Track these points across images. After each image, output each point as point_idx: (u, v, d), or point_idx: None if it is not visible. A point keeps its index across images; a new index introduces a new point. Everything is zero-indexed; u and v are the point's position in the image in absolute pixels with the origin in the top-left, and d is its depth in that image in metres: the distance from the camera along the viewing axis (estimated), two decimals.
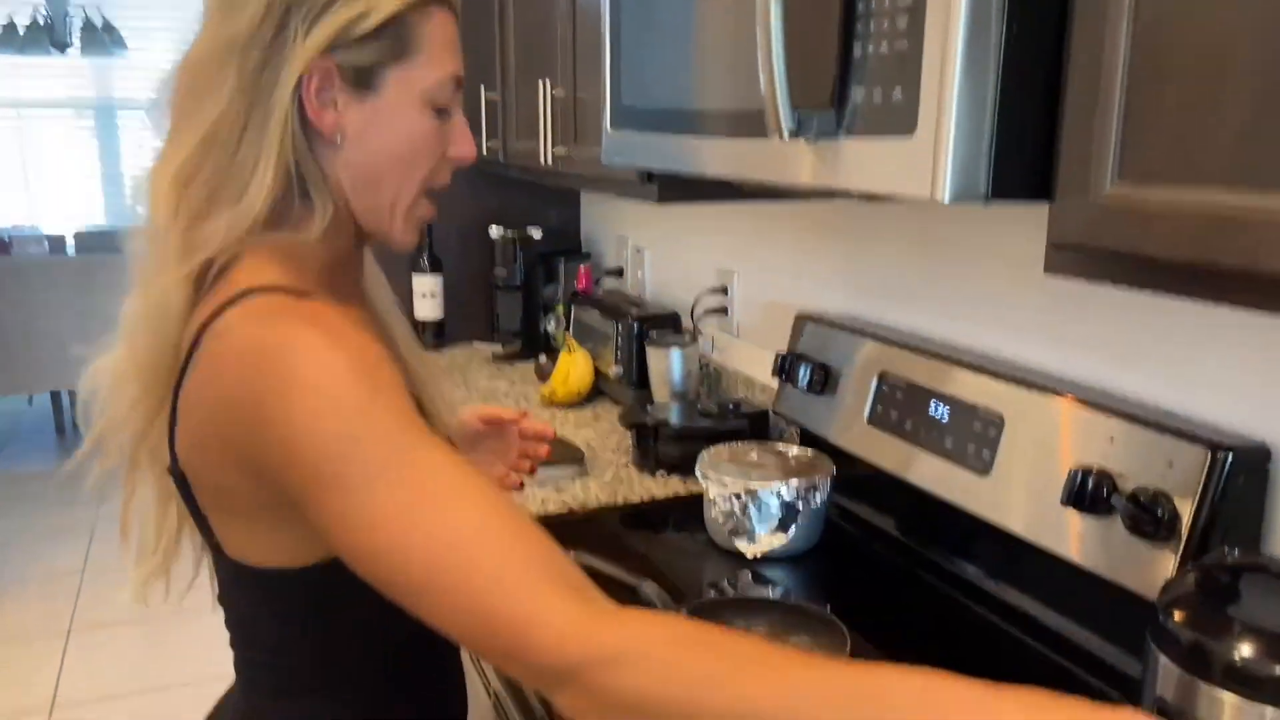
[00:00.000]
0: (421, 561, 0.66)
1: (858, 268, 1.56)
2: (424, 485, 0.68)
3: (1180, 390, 1.05)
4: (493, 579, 0.65)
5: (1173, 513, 0.94)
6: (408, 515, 0.67)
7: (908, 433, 1.29)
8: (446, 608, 0.66)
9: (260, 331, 0.71)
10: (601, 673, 0.62)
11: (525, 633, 0.63)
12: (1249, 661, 0.73)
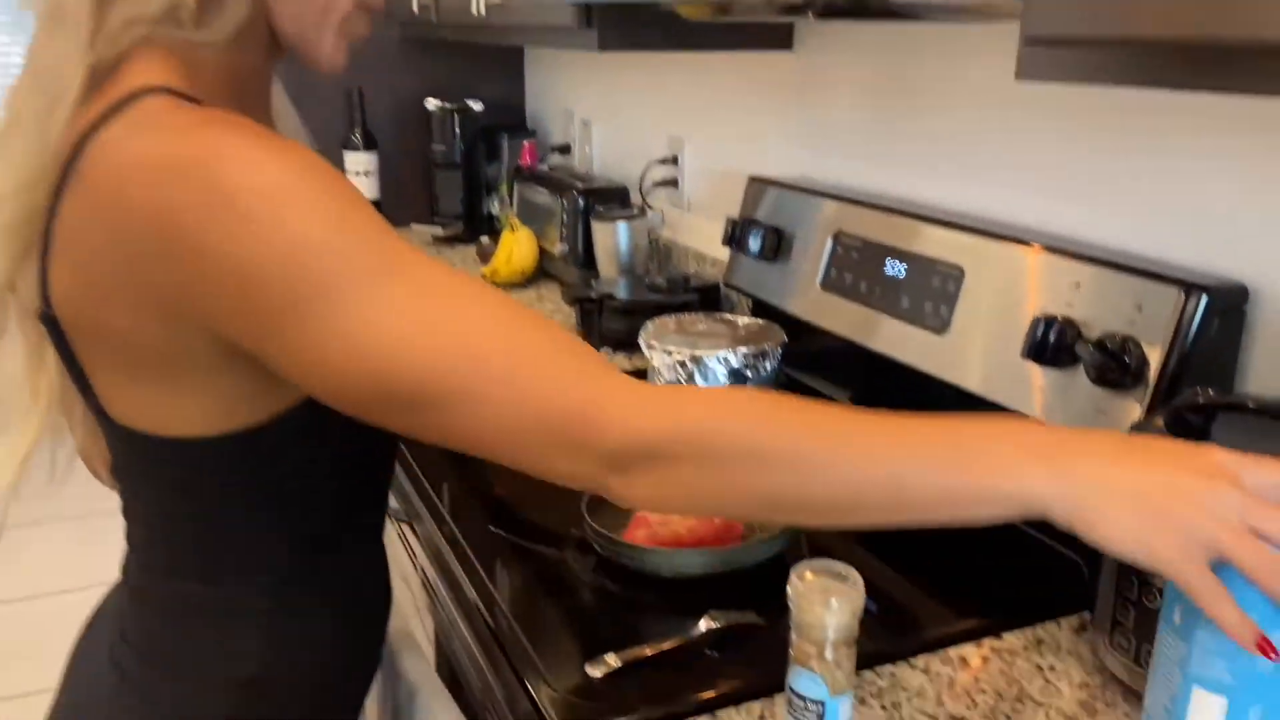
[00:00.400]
0: (449, 357, 0.57)
1: (812, 127, 1.46)
2: (431, 279, 0.58)
3: (1152, 232, 0.97)
4: (541, 366, 0.57)
5: (1141, 359, 0.88)
6: (423, 310, 0.57)
7: (863, 295, 1.22)
8: (482, 408, 0.57)
9: (172, 141, 0.59)
10: (684, 449, 0.56)
11: (591, 415, 0.56)
12: None
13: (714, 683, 0.77)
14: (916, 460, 0.55)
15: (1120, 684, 0.76)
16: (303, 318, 0.57)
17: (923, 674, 0.79)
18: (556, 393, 0.57)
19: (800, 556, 0.74)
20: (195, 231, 0.57)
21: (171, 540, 0.75)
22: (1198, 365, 0.86)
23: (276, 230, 0.56)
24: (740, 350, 1.24)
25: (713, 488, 0.58)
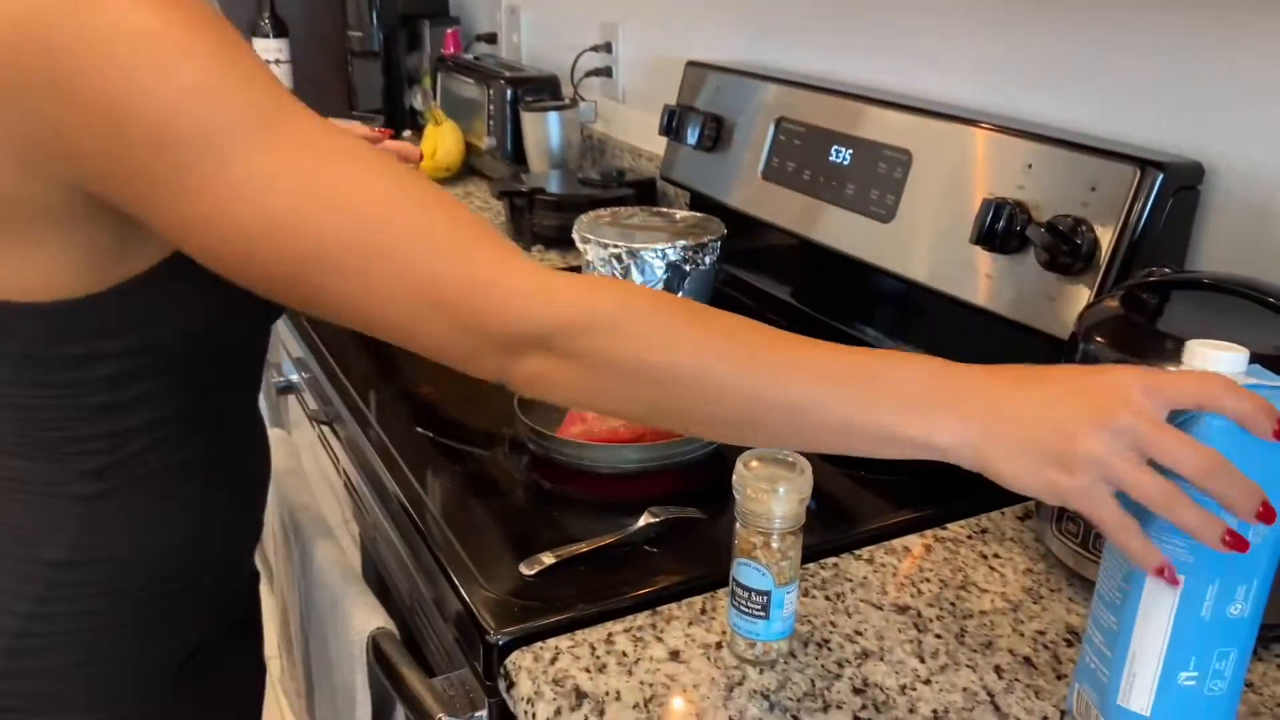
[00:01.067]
0: (335, 226, 0.51)
1: (753, 10, 1.39)
2: (323, 142, 0.52)
3: (1105, 110, 0.94)
4: (432, 240, 0.52)
5: (1093, 241, 0.85)
6: (309, 174, 0.51)
7: (806, 184, 1.17)
8: (368, 282, 0.52)
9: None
10: (583, 339, 0.53)
11: (482, 295, 0.53)
12: None
13: (653, 578, 0.74)
14: (822, 392, 0.53)
15: (1065, 569, 0.75)
16: (179, 173, 0.50)
17: (866, 564, 0.77)
18: (445, 270, 0.52)
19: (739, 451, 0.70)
20: (62, 74, 0.49)
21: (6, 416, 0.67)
22: (1150, 246, 0.84)
23: (153, 76, 0.49)
24: (678, 244, 1.19)
25: (606, 391, 0.55)
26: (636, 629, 0.68)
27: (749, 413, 0.54)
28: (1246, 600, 0.51)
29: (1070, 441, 0.48)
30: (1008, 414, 0.51)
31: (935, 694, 0.63)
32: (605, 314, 0.54)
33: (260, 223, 0.51)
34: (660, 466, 0.87)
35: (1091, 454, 0.48)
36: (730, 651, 0.66)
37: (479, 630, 0.68)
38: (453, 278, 0.52)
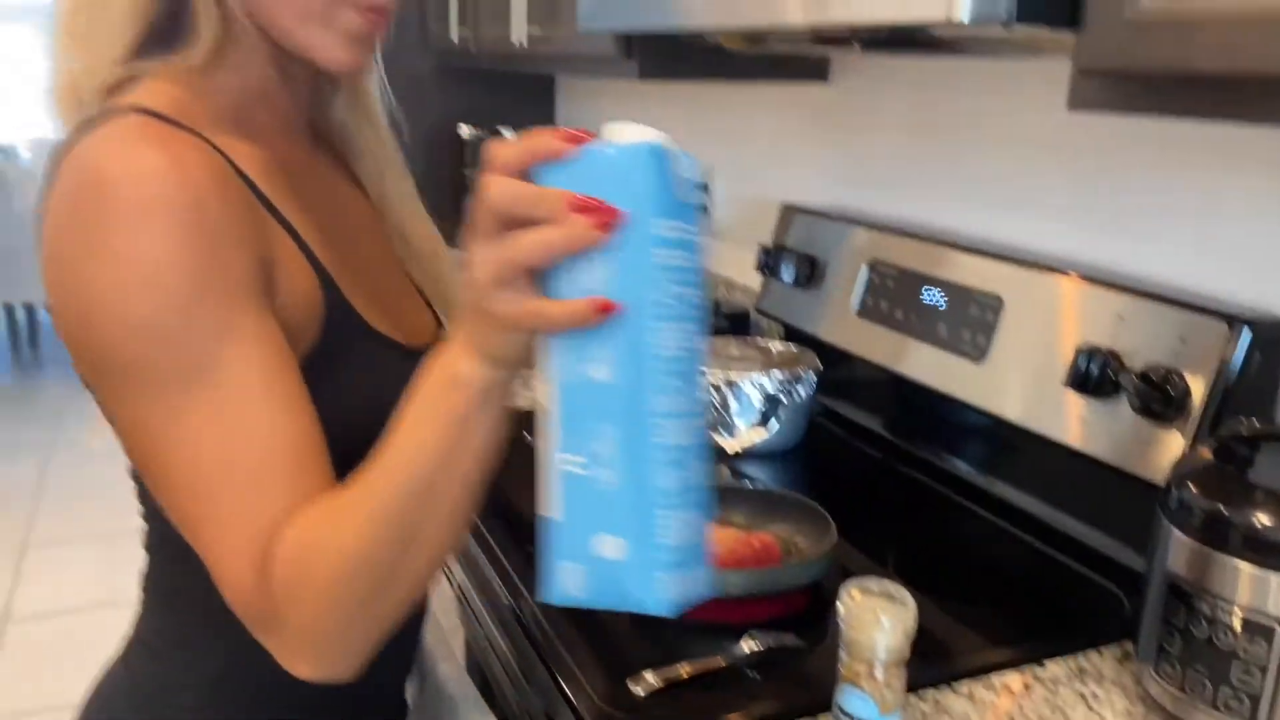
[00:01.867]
0: (160, 477, 0.62)
1: (846, 155, 1.48)
2: (198, 405, 0.60)
3: (1193, 264, 0.98)
4: (202, 518, 0.61)
5: (1184, 391, 0.89)
6: (166, 430, 0.60)
7: (899, 322, 1.23)
8: (192, 534, 0.62)
9: (98, 155, 0.60)
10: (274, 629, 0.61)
11: (216, 574, 0.61)
12: (1271, 529, 0.68)
13: (756, 704, 0.77)
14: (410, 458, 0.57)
15: (1164, 711, 0.76)
16: (107, 381, 0.62)
17: (966, 700, 0.79)
18: (202, 545, 0.61)
19: (838, 581, 0.74)
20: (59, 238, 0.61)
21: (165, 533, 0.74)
22: (1241, 397, 0.87)
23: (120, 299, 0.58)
24: (774, 375, 1.25)
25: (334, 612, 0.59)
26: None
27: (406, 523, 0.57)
28: (612, 365, 0.49)
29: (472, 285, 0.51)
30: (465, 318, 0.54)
31: None
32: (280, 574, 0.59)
33: (139, 454, 0.62)
34: (760, 593, 0.91)
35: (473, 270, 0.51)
36: None
37: None
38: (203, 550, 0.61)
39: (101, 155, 0.60)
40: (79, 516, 3.18)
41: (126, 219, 0.58)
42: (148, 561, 0.77)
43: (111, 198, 0.58)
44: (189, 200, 0.59)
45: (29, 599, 2.73)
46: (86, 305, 0.59)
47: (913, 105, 1.34)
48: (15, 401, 4.23)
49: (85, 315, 0.60)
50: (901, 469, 1.25)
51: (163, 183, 0.59)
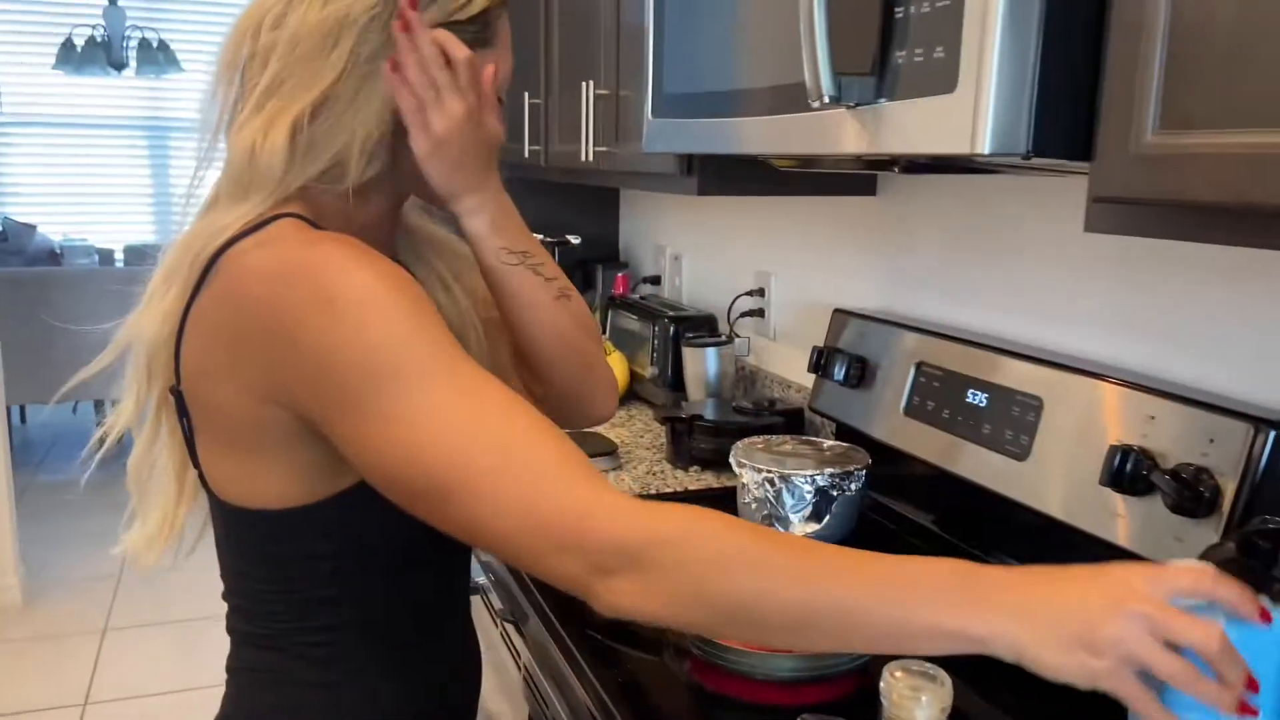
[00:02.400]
0: (470, 456, 0.67)
1: (893, 263, 1.57)
2: (472, 387, 0.69)
3: (1220, 368, 1.04)
4: (544, 472, 0.66)
5: (1215, 490, 0.93)
6: (457, 412, 0.67)
7: (945, 421, 1.29)
8: (491, 504, 0.66)
9: (288, 251, 0.73)
10: (662, 553, 0.63)
11: (582, 519, 0.64)
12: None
13: None
14: (866, 596, 0.61)
15: None
16: (362, 404, 0.68)
17: None
18: (553, 497, 0.65)
19: (882, 664, 0.79)
20: (294, 325, 0.70)
21: (252, 613, 0.84)
22: (1269, 495, 0.91)
23: (359, 330, 0.69)
24: (826, 471, 1.32)
25: (686, 591, 0.64)
26: None
27: (805, 611, 0.62)
28: None
29: (1095, 629, 0.57)
30: (1037, 608, 0.59)
31: None
32: (682, 526, 0.65)
33: (407, 452, 0.68)
34: (812, 675, 0.96)
35: (1115, 637, 0.57)
36: None
37: None
38: (554, 504, 0.65)
39: (287, 249, 0.73)
40: (156, 603, 3.30)
41: (333, 277, 0.70)
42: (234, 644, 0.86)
43: (311, 269, 0.70)
44: (376, 263, 0.72)
45: (108, 683, 2.83)
46: (322, 352, 0.69)
47: (954, 217, 1.43)
48: (99, 491, 4.42)
49: (323, 363, 0.69)
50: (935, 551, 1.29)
51: (347, 251, 0.71)
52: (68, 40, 5.35)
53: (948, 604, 0.60)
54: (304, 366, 0.70)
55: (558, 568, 0.66)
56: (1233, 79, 0.65)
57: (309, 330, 0.69)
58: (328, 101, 0.79)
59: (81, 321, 3.89)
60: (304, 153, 0.79)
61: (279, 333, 0.71)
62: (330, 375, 0.69)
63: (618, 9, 1.69)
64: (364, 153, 0.80)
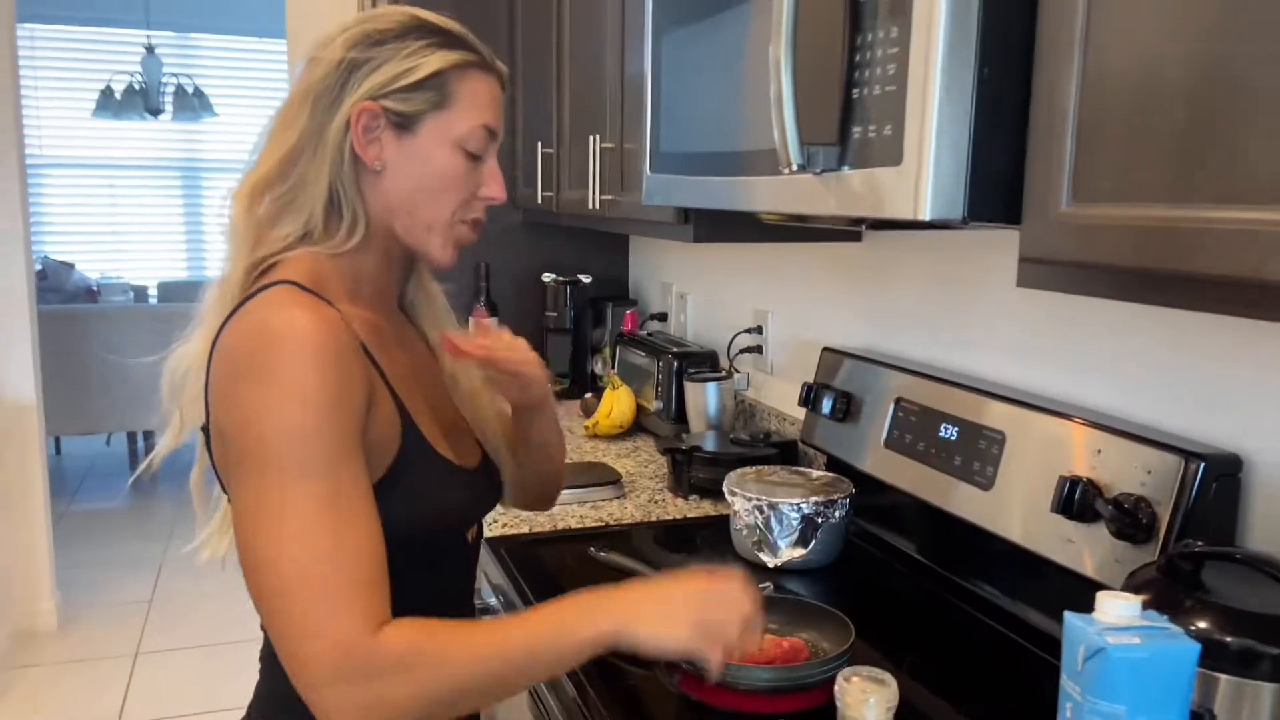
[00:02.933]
0: (256, 553, 0.81)
1: (879, 305, 1.67)
2: (296, 497, 0.80)
3: (1161, 406, 1.13)
4: (286, 593, 0.79)
5: (1152, 517, 1.03)
6: (269, 514, 0.80)
7: (920, 453, 1.39)
8: (259, 597, 0.81)
9: (266, 313, 0.85)
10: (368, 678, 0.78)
11: (299, 643, 0.79)
12: (1203, 632, 0.81)
13: None
14: (532, 639, 0.82)
15: None
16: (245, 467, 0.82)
17: None
18: (290, 618, 0.79)
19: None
20: (238, 382, 0.83)
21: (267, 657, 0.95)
22: (1200, 522, 1.00)
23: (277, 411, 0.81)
24: (812, 499, 1.42)
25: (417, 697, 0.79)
26: None
27: (504, 675, 0.82)
28: None
29: (681, 614, 0.83)
30: (642, 605, 0.84)
31: None
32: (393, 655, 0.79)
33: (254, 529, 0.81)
34: (788, 686, 1.06)
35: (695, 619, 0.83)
36: None
37: None
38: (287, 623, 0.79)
39: (267, 314, 0.85)
40: (185, 628, 3.42)
41: (286, 355, 0.82)
42: (263, 672, 0.97)
43: (275, 341, 0.82)
44: (328, 347, 0.83)
45: (140, 703, 2.95)
46: (248, 414, 0.82)
47: (930, 263, 1.54)
48: (132, 520, 4.58)
49: (245, 422, 0.82)
50: (924, 584, 1.39)
51: (312, 333, 0.83)
52: (107, 88, 5.57)
53: (589, 622, 0.82)
54: (228, 411, 0.84)
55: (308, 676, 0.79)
56: (1125, 162, 0.76)
57: (241, 391, 0.83)
58: (292, 159, 0.92)
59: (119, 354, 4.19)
60: (277, 211, 0.93)
61: (228, 382, 0.84)
62: (240, 429, 0.82)
63: (621, 69, 1.82)
64: (331, 208, 0.93)
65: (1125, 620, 0.70)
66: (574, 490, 1.72)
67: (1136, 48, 0.75)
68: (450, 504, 0.95)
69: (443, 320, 1.11)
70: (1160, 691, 0.67)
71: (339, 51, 0.92)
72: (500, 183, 1.01)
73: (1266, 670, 0.79)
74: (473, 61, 0.96)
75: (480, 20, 2.55)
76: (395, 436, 0.91)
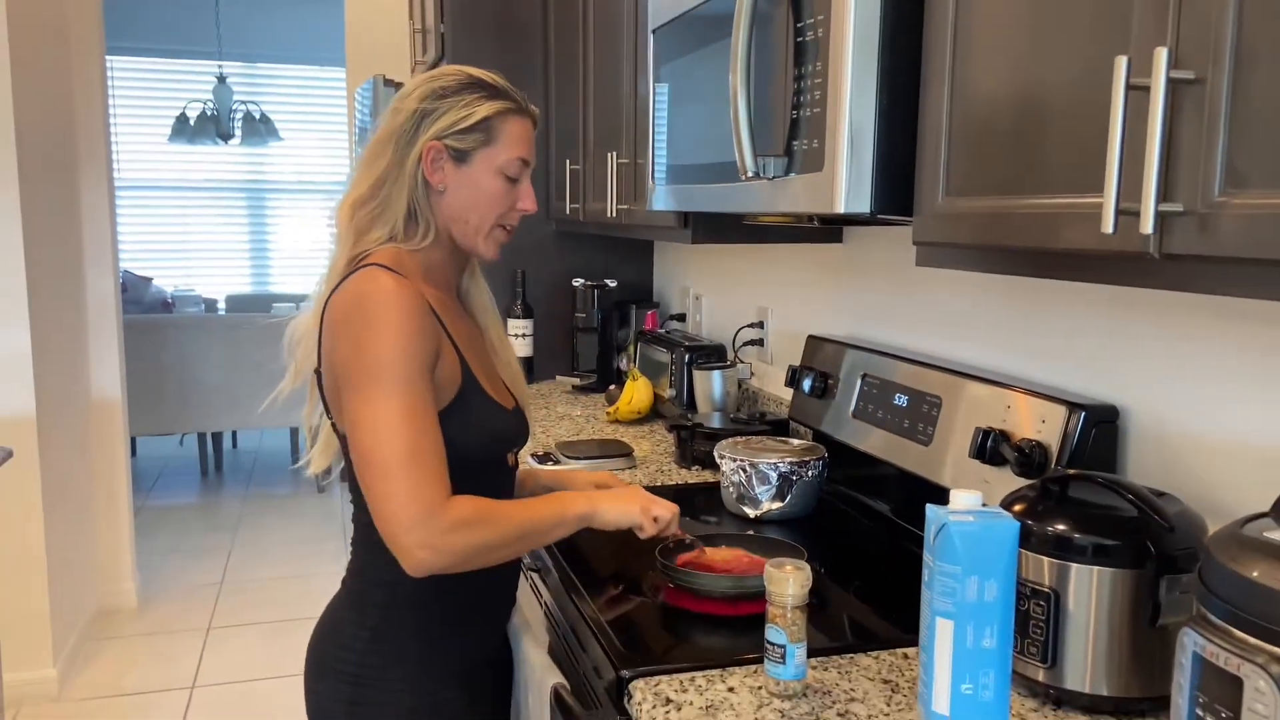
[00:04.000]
0: (364, 445, 1.10)
1: (852, 296, 1.91)
2: (411, 407, 1.11)
3: (1060, 368, 1.36)
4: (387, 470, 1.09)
5: (1045, 456, 1.25)
6: (373, 417, 1.10)
7: (880, 420, 1.62)
8: (365, 477, 1.11)
9: (362, 283, 1.16)
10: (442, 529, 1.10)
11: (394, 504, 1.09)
12: (1059, 531, 1.03)
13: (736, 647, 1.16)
14: (542, 515, 1.20)
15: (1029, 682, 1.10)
16: (354, 384, 1.12)
17: (873, 660, 1.15)
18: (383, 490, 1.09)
19: None
20: (347, 326, 1.14)
21: (360, 522, 1.25)
22: (1085, 462, 1.23)
23: (374, 345, 1.12)
24: (788, 460, 1.66)
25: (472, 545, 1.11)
26: (713, 675, 1.10)
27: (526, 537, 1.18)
28: (994, 636, 0.89)
29: (631, 502, 1.27)
30: (606, 498, 1.26)
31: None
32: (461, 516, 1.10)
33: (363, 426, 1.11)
34: (743, 593, 1.30)
35: (640, 507, 1.26)
36: (765, 690, 1.07)
37: (616, 671, 1.13)
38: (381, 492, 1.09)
39: (363, 282, 1.16)
40: (251, 605, 3.74)
41: (378, 305, 1.13)
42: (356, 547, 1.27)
43: (371, 296, 1.14)
44: (408, 302, 1.14)
45: (212, 671, 3.26)
46: (353, 347, 1.13)
47: (895, 260, 1.78)
48: (203, 513, 4.94)
49: (351, 353, 1.13)
50: (880, 529, 1.62)
51: (396, 292, 1.14)
52: (182, 114, 6.01)
53: (572, 507, 1.22)
54: (341, 350, 1.14)
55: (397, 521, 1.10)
56: (976, 165, 1.00)
57: (351, 332, 1.13)
58: (380, 183, 1.24)
59: (192, 361, 4.68)
60: (370, 220, 1.24)
61: (341, 328, 1.15)
62: (349, 362, 1.13)
63: (635, 94, 2.09)
64: (409, 218, 1.24)
65: (966, 507, 0.93)
66: (591, 461, 1.98)
67: (983, 79, 1.00)
68: (496, 431, 1.27)
69: (487, 304, 1.43)
70: (988, 557, 0.90)
71: (414, 104, 1.25)
72: (532, 198, 1.32)
73: (1107, 560, 1.01)
74: (512, 109, 1.27)
75: (518, 57, 2.87)
76: (457, 378, 1.22)
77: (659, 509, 1.29)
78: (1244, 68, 0.71)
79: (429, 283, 1.27)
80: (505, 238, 1.32)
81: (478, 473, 1.23)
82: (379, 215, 1.25)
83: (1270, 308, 1.06)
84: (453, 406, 1.20)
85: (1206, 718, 0.78)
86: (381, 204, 1.25)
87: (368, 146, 1.28)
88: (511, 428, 1.32)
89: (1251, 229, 0.70)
